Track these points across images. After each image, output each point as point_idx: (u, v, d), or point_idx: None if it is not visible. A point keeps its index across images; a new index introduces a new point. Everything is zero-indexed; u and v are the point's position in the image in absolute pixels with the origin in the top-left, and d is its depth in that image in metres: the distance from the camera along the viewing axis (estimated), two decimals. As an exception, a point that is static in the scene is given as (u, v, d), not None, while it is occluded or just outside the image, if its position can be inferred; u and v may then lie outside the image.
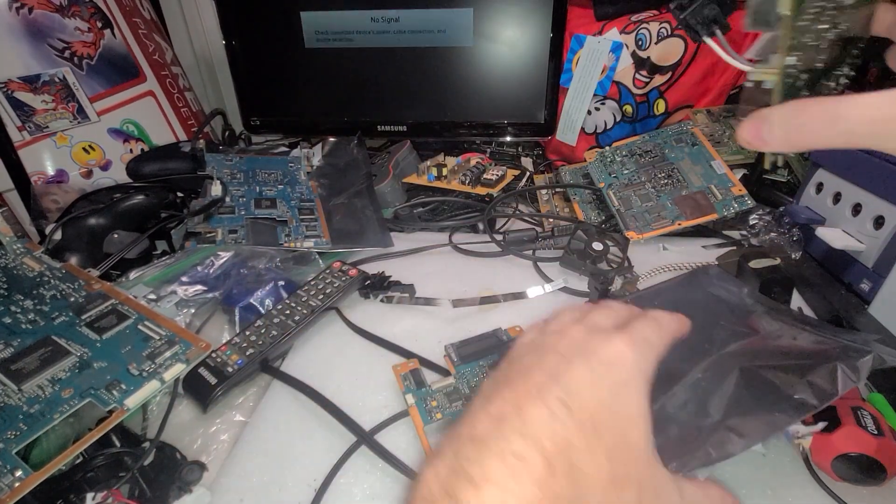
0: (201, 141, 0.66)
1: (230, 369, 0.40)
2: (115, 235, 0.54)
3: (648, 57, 0.65)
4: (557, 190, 0.68)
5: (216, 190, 0.59)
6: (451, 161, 0.72)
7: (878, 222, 0.45)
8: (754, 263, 0.47)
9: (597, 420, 0.20)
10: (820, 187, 0.53)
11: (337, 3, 0.68)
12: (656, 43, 0.64)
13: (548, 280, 0.52)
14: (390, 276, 0.51)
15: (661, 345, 0.25)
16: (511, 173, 0.69)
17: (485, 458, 0.19)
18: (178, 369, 0.36)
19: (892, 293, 0.42)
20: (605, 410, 0.21)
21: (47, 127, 0.65)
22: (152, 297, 0.45)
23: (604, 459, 0.20)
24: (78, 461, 0.34)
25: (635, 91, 0.67)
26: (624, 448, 0.21)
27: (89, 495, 0.31)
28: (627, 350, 0.23)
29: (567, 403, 0.20)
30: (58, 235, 0.52)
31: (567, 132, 0.73)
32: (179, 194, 0.62)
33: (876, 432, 0.30)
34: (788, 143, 0.21)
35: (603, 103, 0.70)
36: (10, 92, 0.62)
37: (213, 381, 0.39)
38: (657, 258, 0.54)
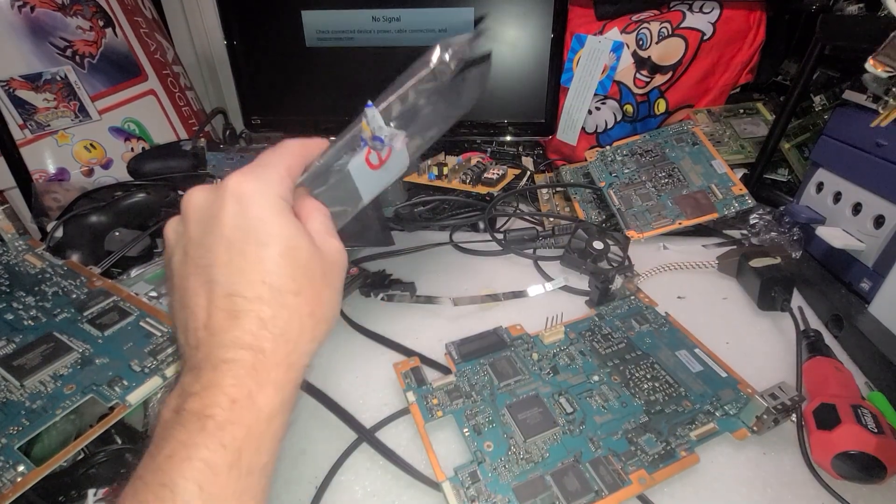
0: (202, 139, 0.67)
1: (231, 366, 0.40)
2: (117, 233, 0.54)
3: (649, 56, 0.65)
4: (558, 189, 0.68)
5: (217, 188, 0.59)
6: (452, 160, 0.72)
7: (879, 222, 0.45)
8: (755, 262, 0.47)
9: (268, 278, 0.23)
10: (820, 187, 0.53)
11: (338, 3, 0.68)
12: (657, 43, 0.64)
13: (548, 279, 0.52)
14: (391, 275, 0.51)
15: (287, 164, 0.26)
16: (512, 172, 0.69)
17: (210, 380, 0.21)
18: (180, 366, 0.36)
19: (893, 292, 0.42)
20: (269, 260, 0.23)
21: (49, 125, 0.65)
22: (154, 294, 0.45)
23: (294, 298, 0.23)
24: (80, 457, 0.34)
25: (636, 91, 0.67)
26: (301, 273, 0.24)
27: (91, 492, 0.31)
28: (240, 183, 0.24)
29: (238, 292, 0.22)
30: (59, 233, 0.52)
31: (568, 132, 0.73)
32: (180, 192, 0.62)
33: (876, 430, 0.30)
34: None
35: (604, 103, 0.70)
36: (11, 90, 0.62)
37: (214, 378, 0.39)
38: (658, 257, 0.54)
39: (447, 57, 0.29)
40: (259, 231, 0.23)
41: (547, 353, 0.41)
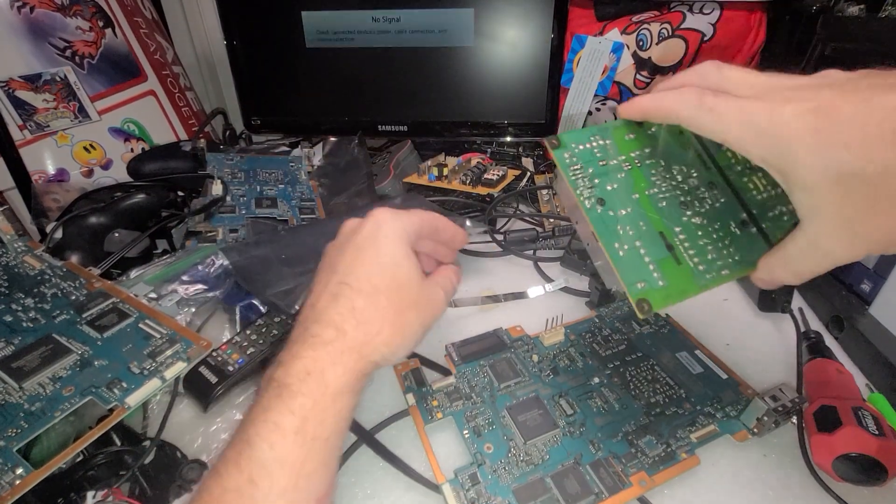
0: (202, 140, 0.66)
1: (231, 368, 0.39)
2: (116, 234, 0.54)
3: (649, 57, 0.65)
4: (557, 192, 0.68)
5: (217, 189, 0.59)
6: (452, 161, 0.72)
7: (879, 223, 0.45)
8: (755, 264, 0.47)
9: (373, 280, 0.28)
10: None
11: (338, 3, 0.68)
12: (657, 44, 0.64)
13: (548, 280, 0.52)
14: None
15: (424, 217, 0.31)
16: (512, 173, 0.69)
17: (296, 352, 0.26)
18: (179, 368, 0.36)
19: (893, 294, 0.42)
20: (378, 267, 0.28)
21: (48, 126, 0.65)
22: (153, 295, 0.45)
23: (385, 302, 0.27)
24: (78, 459, 0.34)
25: (636, 92, 0.67)
26: (397, 286, 0.28)
27: (90, 494, 0.31)
28: (382, 212, 0.30)
29: (347, 282, 0.28)
30: (59, 234, 0.52)
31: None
32: (180, 193, 0.62)
33: (877, 433, 0.30)
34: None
35: (604, 104, 0.70)
36: (11, 91, 0.62)
37: (213, 379, 0.39)
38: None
39: None
40: (381, 244, 0.29)
41: (547, 355, 0.41)
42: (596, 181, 0.29)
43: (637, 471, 0.32)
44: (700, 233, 0.28)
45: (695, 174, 0.30)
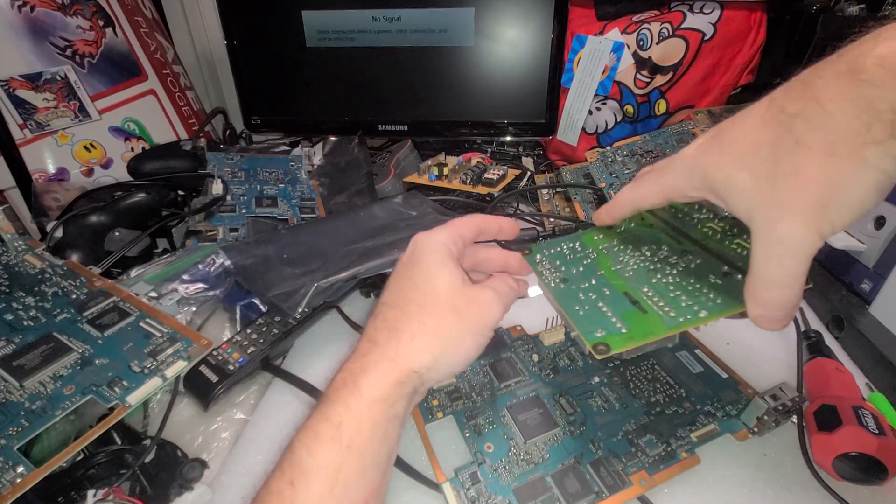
0: (202, 139, 0.66)
1: (231, 367, 0.40)
2: (117, 233, 0.54)
3: (650, 57, 0.65)
4: (558, 189, 0.68)
5: (217, 188, 0.59)
6: (452, 160, 0.72)
7: (879, 222, 0.45)
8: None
9: (403, 292, 0.29)
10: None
11: (338, 3, 0.68)
12: (658, 43, 0.64)
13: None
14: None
15: (460, 224, 0.31)
16: (512, 173, 0.69)
17: (339, 367, 0.28)
18: (180, 367, 0.36)
19: (893, 293, 0.42)
20: (409, 281, 0.29)
21: (49, 125, 0.65)
22: (153, 294, 0.45)
23: (415, 308, 0.28)
24: (79, 458, 0.34)
25: (636, 91, 0.67)
26: (429, 292, 0.28)
27: (90, 492, 0.31)
28: (419, 235, 0.31)
29: (383, 300, 0.29)
30: (59, 233, 0.52)
31: (568, 132, 0.73)
32: (180, 193, 0.62)
33: (877, 432, 0.30)
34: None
35: (604, 103, 0.70)
36: (11, 90, 0.62)
37: (214, 378, 0.39)
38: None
39: None
40: (415, 262, 0.30)
41: (547, 354, 0.41)
42: (562, 269, 0.32)
43: (637, 470, 0.32)
44: (672, 287, 0.28)
45: (665, 248, 0.31)
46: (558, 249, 0.34)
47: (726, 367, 0.39)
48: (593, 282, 0.30)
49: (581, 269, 0.32)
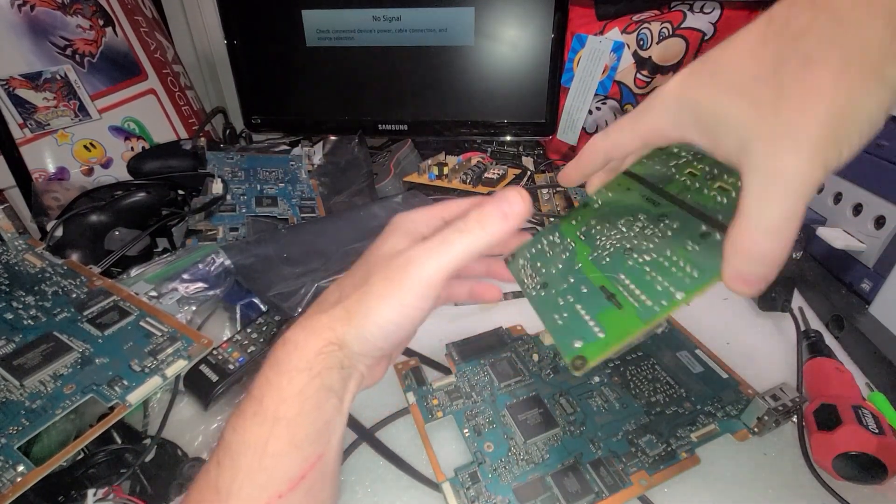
0: (202, 139, 0.66)
1: (231, 367, 0.40)
2: (117, 233, 0.54)
3: (650, 57, 0.65)
4: (558, 189, 0.68)
5: (217, 188, 0.59)
6: (452, 160, 0.72)
7: (879, 222, 0.45)
8: (755, 263, 0.47)
9: (350, 269, 0.28)
10: (821, 187, 0.53)
11: (338, 2, 0.68)
12: (658, 43, 0.64)
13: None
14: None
15: (446, 205, 0.29)
16: (512, 172, 0.69)
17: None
18: (180, 366, 0.36)
19: (893, 293, 0.42)
20: (359, 260, 0.28)
21: (49, 124, 0.65)
22: (153, 293, 0.45)
23: (351, 275, 0.27)
24: (79, 457, 0.34)
25: (637, 91, 0.67)
26: (369, 263, 0.26)
27: (90, 491, 0.31)
28: (398, 215, 0.28)
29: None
30: (59, 232, 0.52)
31: (568, 132, 0.73)
32: (180, 192, 0.62)
33: (877, 431, 0.30)
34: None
35: (604, 103, 0.70)
36: (11, 89, 0.62)
37: (214, 378, 0.39)
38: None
39: None
40: (372, 245, 0.28)
41: (547, 354, 0.41)
42: (542, 271, 0.30)
43: (637, 470, 0.32)
44: (648, 268, 0.26)
45: (642, 217, 0.29)
46: (539, 247, 0.32)
47: (726, 367, 0.39)
48: (571, 280, 0.28)
49: (560, 266, 0.30)
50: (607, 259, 0.28)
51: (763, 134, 0.19)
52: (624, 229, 0.29)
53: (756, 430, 0.35)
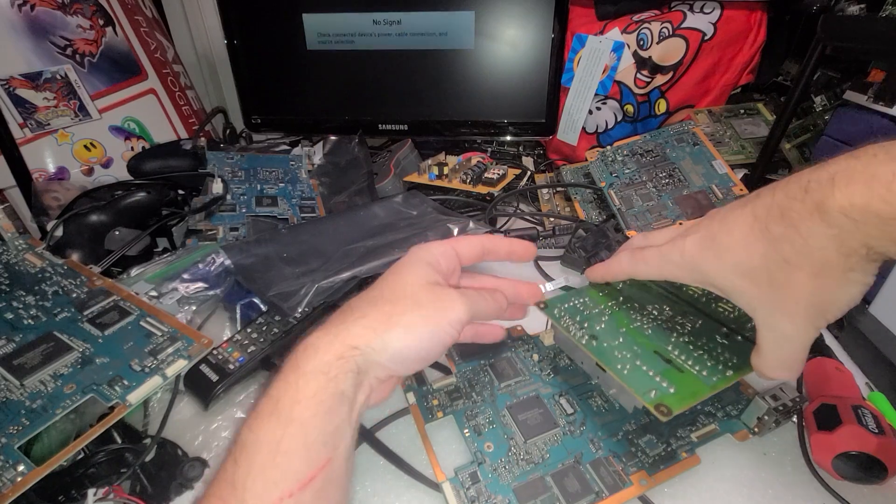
0: (202, 139, 0.67)
1: (232, 366, 0.40)
2: (117, 232, 0.54)
3: (650, 57, 0.65)
4: (558, 189, 0.68)
5: (217, 188, 0.59)
6: (453, 160, 0.72)
7: (879, 222, 0.45)
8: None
9: (373, 292, 0.30)
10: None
11: (339, 6, 0.68)
12: (658, 43, 0.64)
13: (549, 279, 0.52)
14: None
15: (461, 241, 0.33)
16: (512, 172, 0.69)
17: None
18: (180, 365, 0.36)
19: (893, 294, 0.42)
20: (381, 285, 0.30)
21: (49, 124, 0.65)
22: (154, 293, 0.45)
23: (377, 297, 0.29)
24: (79, 457, 0.34)
25: (637, 91, 0.67)
26: (401, 290, 0.29)
27: (90, 491, 0.31)
28: (416, 246, 0.32)
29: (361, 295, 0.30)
30: (59, 232, 0.52)
31: (568, 132, 0.73)
32: (181, 192, 0.62)
33: (876, 431, 0.30)
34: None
35: (604, 103, 0.70)
36: (12, 89, 0.62)
37: (214, 378, 0.39)
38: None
39: None
40: (397, 266, 0.31)
41: (547, 354, 0.41)
42: (585, 325, 0.34)
43: (637, 470, 0.32)
44: (691, 347, 0.31)
45: (667, 308, 0.35)
46: (571, 304, 0.36)
47: None
48: (621, 340, 0.32)
49: (603, 325, 0.34)
50: (649, 331, 0.33)
51: (764, 305, 0.26)
52: (654, 313, 0.34)
53: (756, 430, 0.35)
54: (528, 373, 0.40)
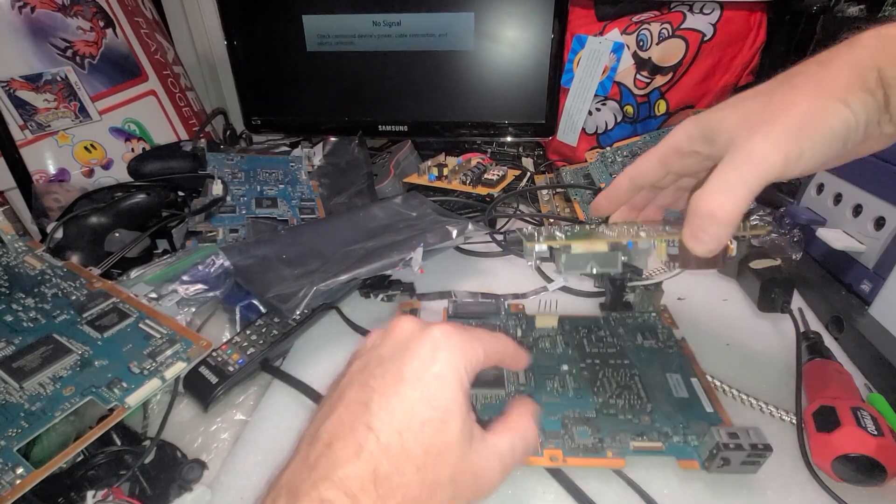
0: (202, 140, 0.66)
1: (231, 368, 0.40)
2: (117, 234, 0.54)
3: (650, 57, 0.65)
4: (558, 190, 0.68)
5: (217, 189, 0.59)
6: (452, 161, 0.72)
7: (879, 223, 0.45)
8: (755, 264, 0.47)
9: (406, 437, 0.22)
10: (821, 188, 0.53)
11: (339, 7, 0.68)
12: (657, 44, 0.64)
13: (548, 280, 0.52)
14: (390, 275, 0.51)
15: (479, 349, 0.26)
16: (512, 173, 0.69)
17: (298, 501, 0.21)
18: (179, 368, 0.36)
19: (893, 294, 0.42)
20: (416, 422, 0.23)
21: (49, 126, 0.65)
22: (153, 295, 0.45)
23: (413, 473, 0.22)
24: (79, 459, 0.34)
25: (636, 91, 0.67)
26: (435, 453, 0.22)
27: (90, 493, 0.31)
28: (445, 335, 0.25)
29: (377, 430, 0.22)
30: (59, 234, 0.52)
31: (568, 132, 0.73)
32: (180, 193, 0.62)
33: (876, 433, 0.30)
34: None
35: (604, 104, 0.70)
36: (12, 91, 0.62)
37: (213, 379, 0.39)
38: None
39: None
40: (430, 384, 0.24)
41: (533, 333, 0.42)
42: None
43: (555, 448, 0.32)
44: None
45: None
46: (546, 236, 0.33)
47: (718, 405, 0.35)
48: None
49: (577, 228, 0.34)
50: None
51: (745, 131, 0.25)
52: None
53: (706, 465, 0.31)
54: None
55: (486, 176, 0.66)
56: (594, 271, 0.32)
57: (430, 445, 0.22)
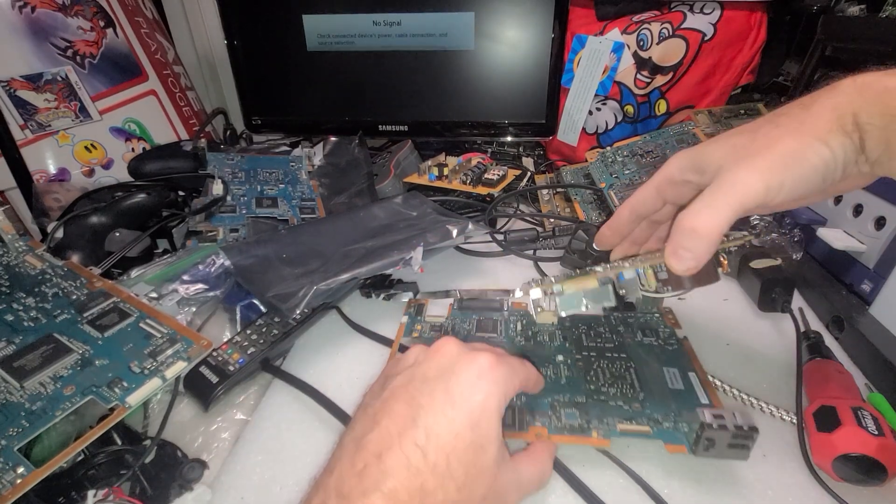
0: (203, 140, 0.66)
1: (231, 368, 0.40)
2: (117, 234, 0.54)
3: (650, 57, 0.65)
4: (558, 190, 0.68)
5: (217, 189, 0.59)
6: (453, 161, 0.72)
7: (880, 223, 0.45)
8: (755, 264, 0.47)
9: (451, 458, 0.24)
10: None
11: (339, 7, 0.68)
12: (658, 43, 0.64)
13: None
14: (391, 275, 0.51)
15: (516, 378, 0.29)
16: (512, 173, 0.69)
17: None
18: (180, 367, 0.36)
19: (893, 294, 0.42)
20: (460, 444, 0.25)
21: (49, 125, 0.65)
22: (153, 295, 0.45)
23: (454, 491, 0.24)
24: (79, 459, 0.34)
25: (637, 91, 0.67)
26: (474, 475, 0.25)
27: (90, 493, 0.31)
28: (489, 363, 0.27)
29: (423, 447, 0.24)
30: (59, 233, 0.52)
31: (568, 132, 0.73)
32: (181, 193, 0.62)
33: (876, 432, 0.30)
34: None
35: (604, 103, 0.70)
36: (12, 90, 0.62)
37: (214, 379, 0.39)
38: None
39: None
40: (473, 413, 0.25)
41: (532, 329, 0.42)
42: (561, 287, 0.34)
43: (540, 426, 0.32)
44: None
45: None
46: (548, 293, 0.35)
47: (715, 397, 0.35)
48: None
49: (567, 281, 0.34)
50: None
51: (732, 161, 0.26)
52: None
53: (693, 448, 0.31)
54: (505, 334, 0.42)
55: (486, 176, 0.66)
56: (589, 308, 0.33)
57: (471, 467, 0.25)
